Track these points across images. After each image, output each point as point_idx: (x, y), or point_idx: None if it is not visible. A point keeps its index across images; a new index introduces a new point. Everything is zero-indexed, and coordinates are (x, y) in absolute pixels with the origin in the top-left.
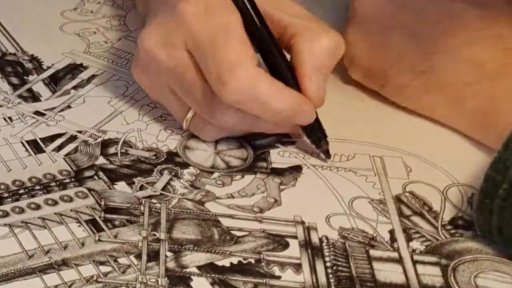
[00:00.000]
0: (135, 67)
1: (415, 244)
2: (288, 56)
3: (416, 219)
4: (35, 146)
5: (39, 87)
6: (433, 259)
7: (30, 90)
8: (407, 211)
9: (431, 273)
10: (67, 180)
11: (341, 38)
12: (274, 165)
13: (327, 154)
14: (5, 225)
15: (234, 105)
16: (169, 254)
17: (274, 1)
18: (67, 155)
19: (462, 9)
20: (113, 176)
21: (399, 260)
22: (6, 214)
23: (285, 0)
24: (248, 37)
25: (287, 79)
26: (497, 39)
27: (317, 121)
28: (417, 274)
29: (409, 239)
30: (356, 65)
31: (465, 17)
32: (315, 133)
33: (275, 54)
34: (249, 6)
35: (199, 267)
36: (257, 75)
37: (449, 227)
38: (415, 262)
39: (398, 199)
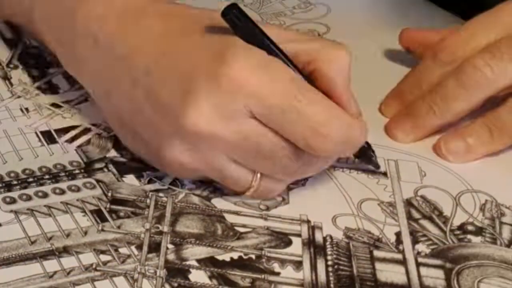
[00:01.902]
0: (173, 149)
1: (420, 247)
2: None
3: (424, 222)
4: (49, 137)
5: (59, 80)
6: (438, 262)
7: (49, 82)
8: (416, 215)
9: (434, 276)
10: (77, 171)
11: (347, 47)
12: None
13: (378, 167)
14: (11, 211)
15: (330, 155)
16: (170, 246)
17: (274, 34)
18: (79, 146)
19: None
20: (122, 169)
21: (403, 262)
22: (13, 201)
23: (276, 28)
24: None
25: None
26: None
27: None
28: (419, 276)
29: (415, 241)
30: None
31: None
32: (367, 152)
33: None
34: (272, 46)
35: (198, 261)
36: (349, 120)
37: (457, 232)
38: (419, 264)
39: (408, 203)
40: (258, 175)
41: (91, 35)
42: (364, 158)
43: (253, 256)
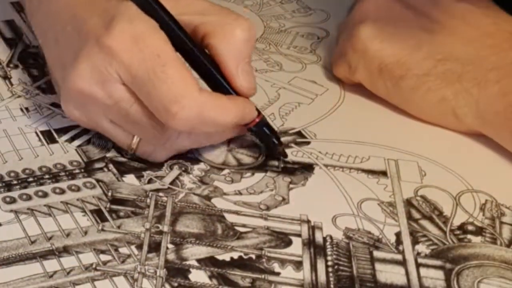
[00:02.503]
0: (66, 104)
1: (420, 248)
2: None
3: (424, 222)
4: (49, 136)
5: None
6: (438, 262)
7: (49, 82)
8: (416, 215)
9: (434, 276)
10: (77, 171)
11: (250, 23)
12: (286, 165)
13: (284, 155)
14: (11, 211)
15: (187, 131)
16: (170, 246)
17: (174, 3)
18: (79, 146)
19: (466, 9)
20: (122, 169)
21: (403, 262)
22: (13, 201)
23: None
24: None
25: (220, 83)
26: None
27: (268, 127)
28: (419, 277)
29: (415, 242)
30: (365, 65)
31: (474, 18)
32: (269, 139)
33: (202, 60)
34: (166, 17)
35: (199, 260)
36: (203, 99)
37: (457, 232)
38: (418, 265)
39: (408, 203)
40: (136, 138)
41: None
42: (265, 144)
43: (253, 256)
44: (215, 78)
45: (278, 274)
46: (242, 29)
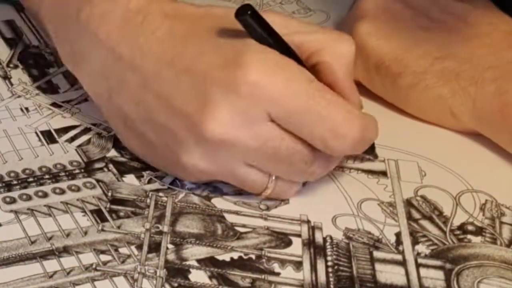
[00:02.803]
0: (194, 156)
1: (420, 248)
2: None
3: (424, 223)
4: (49, 137)
5: (59, 80)
6: (438, 263)
7: (49, 82)
8: (416, 215)
9: (434, 277)
10: (77, 171)
11: (350, 38)
12: None
13: (374, 155)
14: (11, 211)
15: (347, 153)
16: (170, 246)
17: (279, 25)
18: (79, 146)
19: (464, 8)
20: (122, 169)
21: (403, 263)
22: (13, 201)
23: (282, 19)
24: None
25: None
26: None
27: None
28: (419, 277)
29: (415, 242)
30: (363, 62)
31: (472, 17)
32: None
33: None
34: (286, 49)
35: (199, 261)
36: (362, 116)
37: (457, 232)
38: (418, 265)
39: (408, 203)
40: (273, 177)
41: (92, 32)
42: (368, 149)
43: (253, 256)
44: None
45: (278, 274)
46: (350, 45)
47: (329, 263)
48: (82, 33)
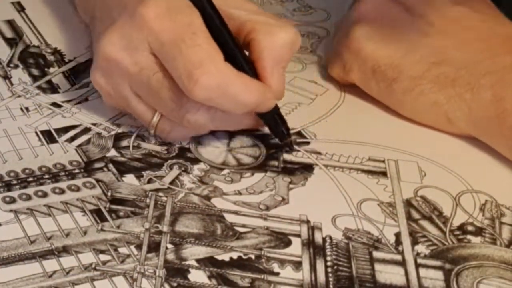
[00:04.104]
0: (95, 72)
1: (420, 248)
2: (247, 53)
3: (424, 223)
4: (49, 136)
5: (59, 79)
6: (437, 263)
7: (49, 82)
8: (416, 215)
9: (433, 277)
10: (77, 171)
11: (296, 32)
12: (286, 165)
13: (291, 147)
14: (10, 211)
15: (206, 102)
16: (169, 246)
17: (228, 0)
18: (79, 146)
19: (463, 12)
20: (122, 169)
21: (402, 263)
22: (12, 201)
23: None
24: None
25: (249, 75)
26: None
27: (279, 116)
28: (418, 277)
29: (415, 242)
30: (359, 65)
31: (469, 21)
32: (279, 128)
33: (236, 51)
34: (207, 6)
35: (198, 260)
36: (227, 70)
37: (457, 232)
38: (418, 265)
39: (408, 203)
40: (157, 114)
41: None
42: (276, 132)
43: (253, 256)
44: (246, 69)
45: (277, 274)
46: (287, 34)
47: (329, 263)
48: None
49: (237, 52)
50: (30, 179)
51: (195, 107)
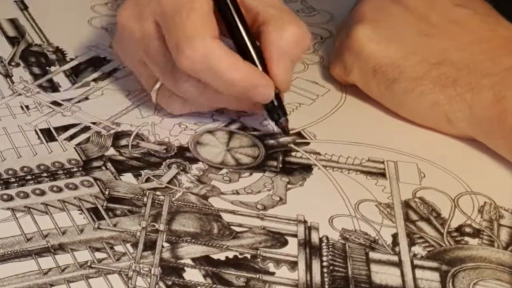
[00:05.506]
0: (115, 42)
1: (417, 249)
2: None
3: (422, 224)
4: (48, 135)
5: (60, 78)
6: (434, 264)
7: (50, 81)
8: (414, 216)
9: (429, 278)
10: (75, 169)
11: (306, 29)
12: (284, 165)
13: (285, 132)
14: (8, 208)
15: (190, 73)
16: (166, 244)
17: None
18: (78, 144)
19: (464, 14)
20: (120, 167)
21: (398, 264)
22: (10, 198)
23: None
24: (214, 16)
25: (256, 63)
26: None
27: (278, 100)
28: (414, 279)
29: (412, 243)
30: (360, 66)
31: (471, 23)
32: (275, 111)
33: (245, 38)
34: None
35: (193, 259)
36: (213, 46)
37: (455, 234)
38: (414, 267)
39: (406, 204)
40: (159, 82)
41: None
42: (272, 115)
43: (248, 256)
44: (253, 56)
45: (272, 274)
46: (296, 29)
47: (324, 263)
48: None
49: (247, 39)
50: (28, 177)
51: (184, 76)
